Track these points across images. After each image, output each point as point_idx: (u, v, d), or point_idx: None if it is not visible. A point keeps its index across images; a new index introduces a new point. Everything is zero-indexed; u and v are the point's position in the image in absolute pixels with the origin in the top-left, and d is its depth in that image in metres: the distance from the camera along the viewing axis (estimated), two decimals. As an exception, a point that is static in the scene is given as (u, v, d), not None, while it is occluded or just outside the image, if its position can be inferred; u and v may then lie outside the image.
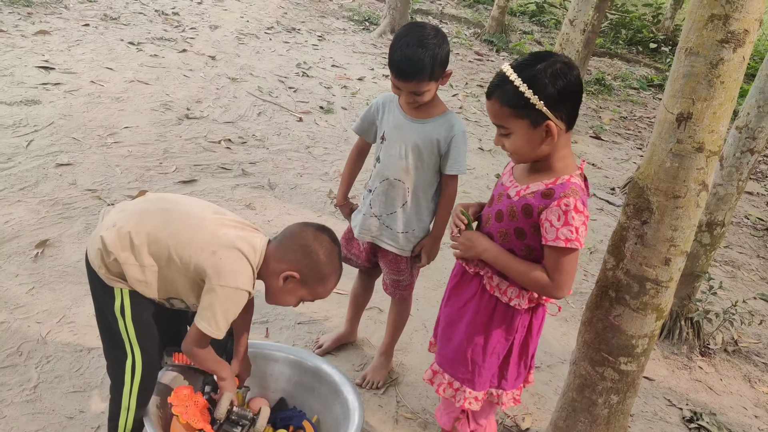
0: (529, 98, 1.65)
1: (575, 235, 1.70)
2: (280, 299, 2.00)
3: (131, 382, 1.96)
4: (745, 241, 5.06)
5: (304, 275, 1.92)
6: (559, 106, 1.68)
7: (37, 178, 3.76)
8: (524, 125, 1.70)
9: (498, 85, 1.71)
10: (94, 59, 5.85)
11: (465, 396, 1.96)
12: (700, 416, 2.93)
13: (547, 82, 1.65)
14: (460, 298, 1.97)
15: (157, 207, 1.93)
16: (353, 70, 7.45)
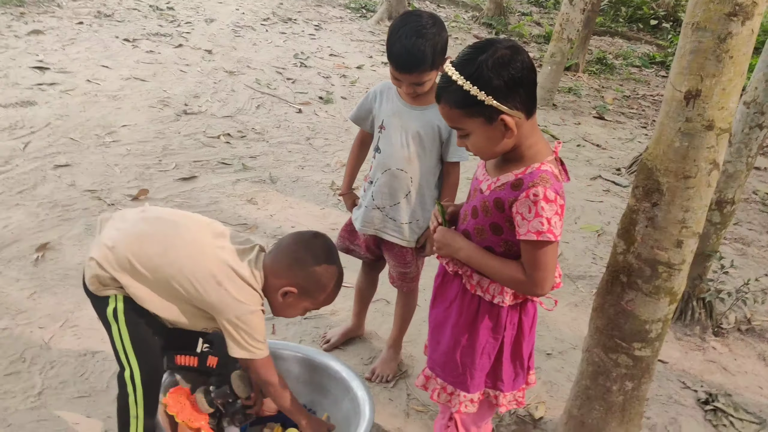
0: (476, 96, 1.54)
1: (547, 226, 1.58)
2: (284, 313, 1.99)
3: (134, 392, 1.92)
4: (754, 218, 4.99)
5: (302, 288, 1.90)
6: (510, 97, 1.56)
7: (36, 181, 3.72)
8: (479, 123, 1.59)
9: (443, 87, 1.60)
10: (89, 57, 5.80)
11: (460, 400, 1.87)
12: (716, 398, 2.88)
13: (491, 75, 1.52)
14: (445, 298, 1.88)
15: (155, 231, 1.87)
16: (351, 59, 7.37)
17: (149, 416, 1.96)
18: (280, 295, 1.89)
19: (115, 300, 1.85)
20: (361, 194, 2.54)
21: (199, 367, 2.11)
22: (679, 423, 2.72)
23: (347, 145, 5.01)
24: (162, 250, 1.82)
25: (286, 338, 2.84)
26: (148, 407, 1.95)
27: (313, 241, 1.92)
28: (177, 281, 1.81)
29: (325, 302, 2.00)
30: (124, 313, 1.85)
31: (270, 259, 1.91)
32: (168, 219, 1.93)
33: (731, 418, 2.79)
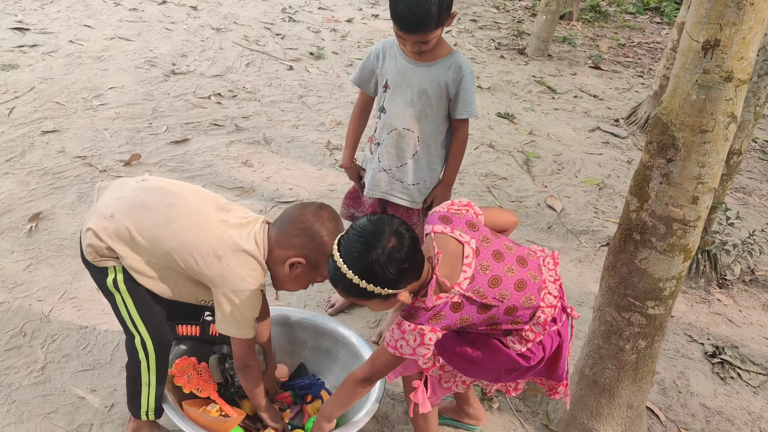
0: (373, 291, 1.58)
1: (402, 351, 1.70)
2: (288, 285, 1.92)
3: (146, 358, 1.89)
4: (754, 166, 4.95)
5: (311, 259, 1.83)
6: (401, 282, 1.59)
7: (23, 148, 3.61)
8: (376, 302, 1.64)
9: (338, 279, 1.61)
10: (70, 17, 5.60)
11: (455, 381, 1.89)
12: (723, 350, 2.88)
13: (383, 273, 1.55)
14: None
15: (157, 201, 1.81)
16: (341, 12, 7.17)
17: (161, 383, 1.93)
18: (287, 267, 1.83)
19: (114, 271, 1.80)
20: (367, 156, 2.46)
21: (201, 336, 2.07)
22: (687, 377, 2.72)
23: (341, 102, 4.90)
24: (164, 222, 1.76)
25: (290, 303, 2.80)
26: (161, 373, 1.92)
27: (321, 211, 1.86)
28: (177, 253, 1.76)
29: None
30: (125, 282, 1.81)
31: (275, 231, 1.85)
32: (170, 190, 1.85)
33: (738, 370, 2.80)
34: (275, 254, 1.83)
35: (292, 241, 1.82)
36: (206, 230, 1.77)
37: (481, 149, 4.51)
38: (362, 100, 2.48)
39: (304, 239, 1.81)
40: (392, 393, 2.41)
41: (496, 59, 6.33)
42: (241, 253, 1.77)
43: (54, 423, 2.12)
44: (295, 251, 1.81)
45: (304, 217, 1.83)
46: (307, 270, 1.85)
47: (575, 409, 2.31)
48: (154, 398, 1.93)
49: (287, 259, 1.82)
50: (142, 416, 1.96)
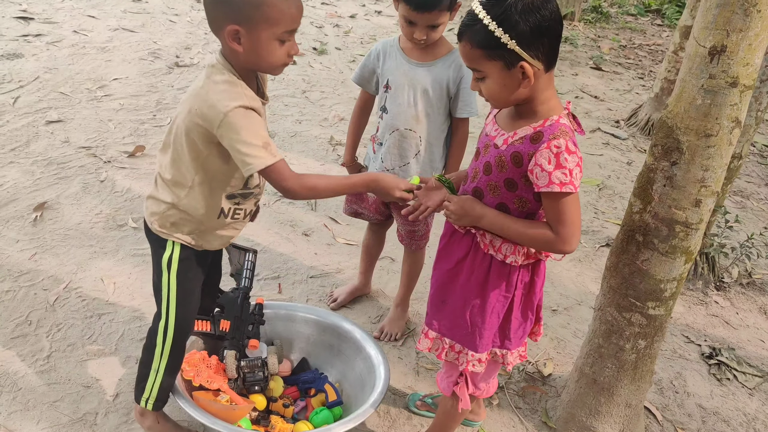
0: (500, 37, 1.50)
1: (569, 177, 1.55)
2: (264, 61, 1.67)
3: (162, 343, 1.91)
4: (752, 170, 4.99)
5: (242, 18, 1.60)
6: (533, 45, 1.52)
7: (28, 137, 3.63)
8: (498, 67, 1.55)
9: (468, 24, 1.55)
10: (74, 7, 5.60)
11: (468, 359, 1.84)
12: (719, 352, 2.91)
13: (518, 18, 1.48)
14: (452, 258, 1.83)
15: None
16: (344, 8, 7.19)
17: (169, 374, 1.95)
18: (234, 43, 1.62)
19: (172, 247, 1.84)
20: (369, 155, 2.48)
21: (212, 332, 2.10)
22: (684, 377, 2.75)
23: (344, 98, 4.91)
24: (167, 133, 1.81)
25: (292, 297, 2.82)
26: (171, 364, 1.93)
27: None
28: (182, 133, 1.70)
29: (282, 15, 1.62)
30: (178, 263, 1.85)
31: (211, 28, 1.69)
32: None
33: (735, 372, 2.83)
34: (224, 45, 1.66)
35: (215, 19, 1.65)
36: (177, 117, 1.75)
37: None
38: (363, 98, 2.50)
39: (219, 6, 1.62)
40: (393, 389, 2.44)
41: (499, 58, 6.35)
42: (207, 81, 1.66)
43: (59, 411, 2.14)
44: (224, 23, 1.61)
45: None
46: (250, 30, 1.61)
47: (574, 406, 2.34)
48: (158, 388, 1.95)
49: (226, 38, 1.62)
50: (141, 402, 1.97)
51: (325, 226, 3.36)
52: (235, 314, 2.13)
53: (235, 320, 2.12)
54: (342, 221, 3.40)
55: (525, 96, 1.61)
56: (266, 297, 2.74)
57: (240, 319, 2.13)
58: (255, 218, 2.03)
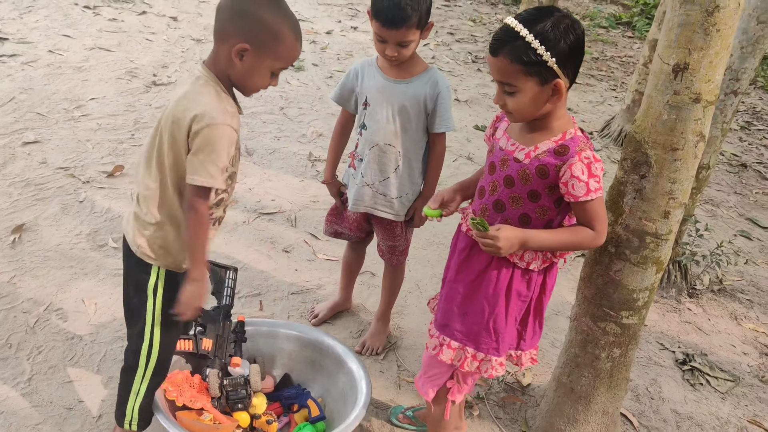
0: (542, 55, 1.59)
1: (599, 183, 1.70)
2: (251, 82, 1.75)
3: (145, 365, 1.92)
4: (722, 179, 5.12)
5: (255, 40, 1.66)
6: (567, 64, 1.64)
7: (5, 159, 3.62)
8: (532, 83, 1.64)
9: (505, 40, 1.62)
10: (49, 26, 5.59)
11: (492, 365, 1.90)
12: (693, 358, 2.99)
13: (559, 37, 1.59)
14: (473, 269, 1.89)
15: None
16: (320, 24, 7.24)
17: (148, 397, 1.96)
18: (236, 58, 1.67)
19: (157, 273, 1.85)
20: (349, 172, 2.53)
21: (195, 352, 2.11)
22: (659, 383, 2.82)
23: (322, 114, 4.96)
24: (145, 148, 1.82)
25: (274, 314, 2.84)
26: (151, 387, 1.95)
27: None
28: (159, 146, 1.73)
29: (284, 54, 1.73)
30: (164, 290, 1.86)
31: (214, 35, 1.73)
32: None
33: (707, 377, 2.91)
34: (221, 55, 1.70)
35: (228, 30, 1.68)
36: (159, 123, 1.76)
37: (459, 161, 4.60)
38: (343, 117, 2.55)
39: (239, 21, 1.67)
40: (375, 402, 2.47)
41: (473, 72, 6.44)
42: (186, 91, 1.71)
43: (42, 434, 2.14)
44: (235, 38, 1.66)
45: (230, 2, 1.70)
46: (257, 55, 1.68)
47: (553, 415, 2.39)
48: (138, 409, 1.96)
49: (232, 49, 1.66)
50: (125, 425, 1.99)
51: (305, 243, 3.39)
52: (217, 332, 2.15)
53: (217, 338, 2.14)
54: (322, 237, 3.44)
55: (547, 111, 1.71)
56: (247, 314, 2.76)
57: (222, 337, 2.15)
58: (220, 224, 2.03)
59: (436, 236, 3.64)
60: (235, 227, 3.39)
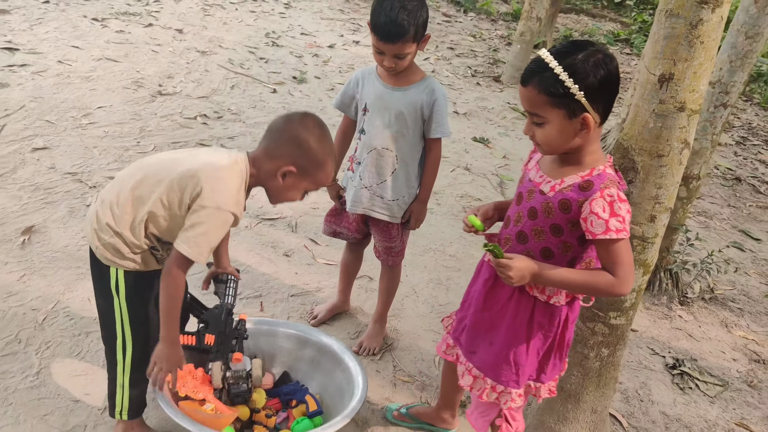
0: (569, 87, 1.58)
1: (624, 224, 1.63)
2: (284, 197, 1.97)
3: (123, 361, 2.01)
4: (716, 192, 5.21)
5: (301, 166, 1.89)
6: (597, 98, 1.61)
7: (15, 164, 3.71)
8: (560, 115, 1.62)
9: (535, 71, 1.62)
10: (58, 38, 5.72)
11: (511, 397, 1.90)
12: (682, 362, 3.06)
13: (588, 71, 1.57)
14: (496, 301, 1.90)
15: (132, 169, 1.93)
16: (323, 38, 7.38)
17: (134, 387, 2.05)
18: (279, 177, 1.89)
19: (116, 274, 1.91)
20: (347, 175, 2.62)
21: (197, 346, 2.19)
22: (648, 387, 2.89)
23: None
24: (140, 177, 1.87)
25: (274, 315, 2.92)
26: (134, 380, 2.03)
27: (306, 119, 1.93)
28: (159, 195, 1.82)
29: (322, 182, 1.98)
30: (125, 288, 1.92)
31: (264, 145, 1.93)
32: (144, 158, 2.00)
33: (697, 381, 2.98)
34: (266, 168, 1.89)
35: (281, 151, 1.88)
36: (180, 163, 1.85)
37: (457, 171, 4.70)
38: (345, 124, 2.65)
39: (291, 147, 1.88)
40: (371, 401, 2.54)
41: (473, 86, 6.56)
42: (215, 169, 1.83)
43: (49, 424, 2.21)
44: (284, 160, 1.87)
45: (291, 126, 1.90)
46: (299, 177, 1.91)
47: (543, 413, 2.46)
48: (128, 400, 2.06)
49: (278, 169, 1.88)
50: (116, 415, 2.09)
51: (305, 247, 3.48)
52: (219, 329, 2.23)
53: (219, 334, 2.22)
54: (322, 242, 3.52)
55: (576, 145, 1.68)
56: (248, 314, 2.84)
57: (224, 333, 2.23)
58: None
59: (433, 243, 3.73)
60: (237, 231, 3.48)
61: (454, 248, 3.72)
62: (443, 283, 3.38)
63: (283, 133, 1.90)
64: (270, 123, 1.96)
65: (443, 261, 3.59)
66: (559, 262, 1.76)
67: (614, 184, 1.66)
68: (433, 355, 2.85)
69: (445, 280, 3.41)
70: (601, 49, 1.63)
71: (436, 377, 2.73)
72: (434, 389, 2.66)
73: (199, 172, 1.81)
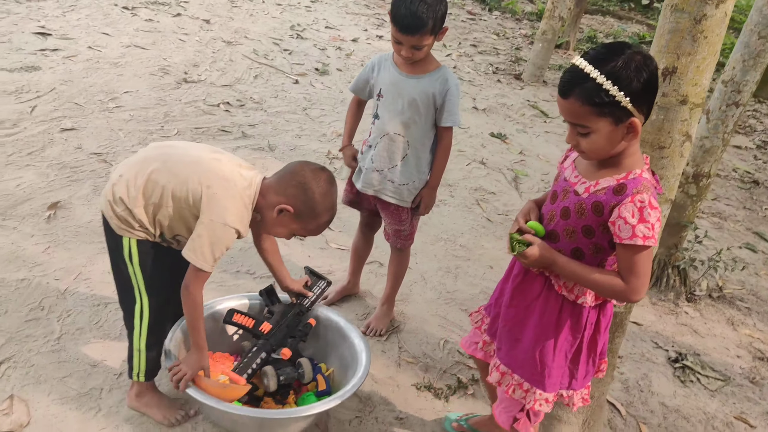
0: (615, 95, 1.53)
1: (652, 232, 1.59)
2: (272, 230, 2.11)
3: (140, 325, 2.12)
4: (732, 194, 5.21)
5: (298, 210, 2.02)
6: (642, 101, 1.57)
7: (44, 143, 3.86)
8: (606, 123, 1.58)
9: (575, 82, 1.57)
10: (89, 24, 5.88)
11: (535, 398, 1.89)
12: (685, 356, 3.10)
13: (632, 76, 1.53)
14: (525, 297, 1.90)
15: (156, 152, 2.05)
16: (347, 32, 7.47)
17: (151, 350, 2.16)
18: (275, 212, 2.02)
19: (129, 243, 2.02)
20: (360, 158, 2.70)
21: (252, 329, 2.30)
22: (649, 378, 2.94)
23: (343, 115, 5.13)
24: (161, 165, 1.98)
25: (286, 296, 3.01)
26: (150, 341, 2.14)
27: (320, 172, 2.06)
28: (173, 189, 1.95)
29: (312, 232, 2.12)
30: (138, 255, 2.04)
31: (275, 178, 2.06)
32: (169, 143, 2.15)
33: (698, 375, 3.02)
34: (269, 198, 2.03)
35: (286, 190, 2.02)
36: (200, 164, 1.99)
37: (472, 165, 4.76)
38: (356, 99, 2.75)
39: (297, 190, 2.01)
40: (376, 378, 2.63)
41: (493, 83, 6.62)
42: (228, 185, 1.96)
43: (68, 386, 2.33)
44: (286, 199, 2.01)
45: (304, 172, 2.04)
46: (292, 219, 2.04)
47: (542, 397, 2.52)
48: (144, 362, 2.17)
49: (277, 204, 2.01)
50: (133, 377, 2.20)
51: (319, 232, 3.57)
52: (281, 322, 2.35)
53: (278, 327, 2.34)
54: (335, 228, 3.62)
55: (621, 149, 1.64)
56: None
57: (282, 328, 2.34)
58: None
59: (445, 233, 3.80)
60: (254, 215, 3.58)
61: (464, 239, 3.79)
62: (452, 272, 3.46)
63: (295, 176, 2.04)
64: (290, 163, 2.11)
65: (453, 251, 3.66)
66: (590, 264, 1.76)
67: (648, 189, 1.62)
68: (438, 339, 2.92)
69: (454, 269, 3.49)
70: (638, 50, 1.58)
71: (440, 359, 2.80)
72: (437, 371, 2.73)
73: (214, 187, 1.95)
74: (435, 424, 2.47)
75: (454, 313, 3.13)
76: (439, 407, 2.55)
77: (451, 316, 3.10)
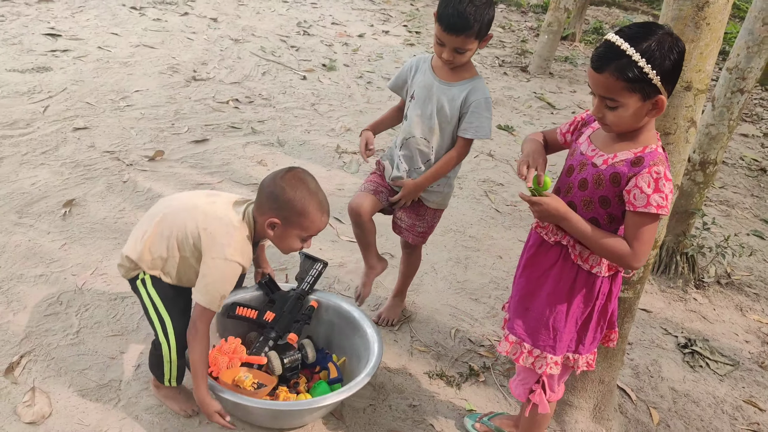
0: (647, 73, 1.61)
1: (665, 202, 1.69)
2: (283, 246, 2.16)
3: (167, 341, 2.16)
4: (740, 182, 5.22)
5: (283, 216, 2.06)
6: (669, 80, 1.66)
7: (57, 142, 3.92)
8: (635, 98, 1.66)
9: (611, 58, 1.64)
10: (98, 25, 5.95)
11: (546, 362, 1.96)
12: (694, 342, 3.13)
13: (665, 56, 1.61)
14: (538, 267, 1.96)
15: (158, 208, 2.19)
16: (353, 27, 7.51)
17: (181, 357, 2.21)
18: (269, 229, 2.08)
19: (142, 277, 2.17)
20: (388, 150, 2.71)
21: (256, 319, 2.36)
22: (659, 364, 2.97)
23: (350, 110, 5.20)
24: (160, 218, 2.12)
25: (298, 287, 3.06)
26: (180, 348, 2.19)
27: (285, 173, 2.09)
28: (176, 240, 2.08)
29: (314, 227, 2.11)
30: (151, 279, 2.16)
31: (255, 204, 2.13)
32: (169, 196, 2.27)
33: (707, 360, 3.04)
34: (259, 221, 2.10)
35: (264, 206, 2.08)
36: (197, 210, 2.09)
37: (480, 157, 4.79)
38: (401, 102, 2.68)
39: (271, 200, 2.06)
40: (389, 367, 2.67)
41: (500, 75, 6.64)
42: (222, 224, 2.06)
43: (87, 378, 2.39)
44: (269, 213, 2.07)
45: (271, 182, 2.09)
46: (285, 227, 2.08)
47: (552, 382, 2.56)
48: (176, 369, 2.22)
49: (265, 222, 2.07)
50: (165, 383, 2.25)
51: (329, 225, 3.62)
52: (283, 309, 2.40)
53: (281, 314, 2.39)
54: (346, 221, 3.66)
55: (644, 124, 1.73)
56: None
57: (286, 314, 2.39)
58: None
59: (454, 224, 3.84)
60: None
61: (474, 230, 3.83)
62: (462, 262, 3.50)
63: (264, 189, 2.10)
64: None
65: (463, 241, 3.70)
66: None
67: (663, 162, 1.71)
68: (449, 328, 2.96)
69: (464, 259, 3.52)
70: (668, 30, 1.65)
71: (451, 348, 2.84)
72: (449, 359, 2.78)
73: (211, 227, 2.05)
74: (447, 411, 2.51)
75: (464, 302, 3.17)
76: (451, 395, 2.59)
77: (461, 305, 3.14)
